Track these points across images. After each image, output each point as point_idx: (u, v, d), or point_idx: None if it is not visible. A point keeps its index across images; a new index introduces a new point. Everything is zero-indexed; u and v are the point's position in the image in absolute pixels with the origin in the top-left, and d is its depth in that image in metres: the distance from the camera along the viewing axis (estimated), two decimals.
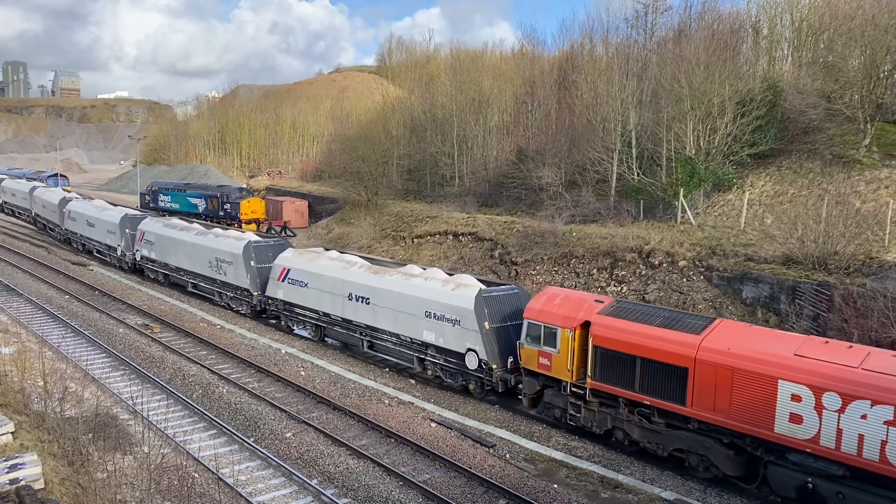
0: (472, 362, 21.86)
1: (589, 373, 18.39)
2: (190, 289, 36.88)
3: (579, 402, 18.94)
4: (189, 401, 21.60)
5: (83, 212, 48.08)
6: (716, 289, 28.67)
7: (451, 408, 22.05)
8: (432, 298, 23.00)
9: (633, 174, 38.60)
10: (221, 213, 60.84)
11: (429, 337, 23.19)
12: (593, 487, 16.99)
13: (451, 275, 24.86)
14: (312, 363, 26.38)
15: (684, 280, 29.85)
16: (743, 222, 32.46)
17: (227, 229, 37.15)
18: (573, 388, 18.97)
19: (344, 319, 26.80)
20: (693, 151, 35.67)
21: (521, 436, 19.93)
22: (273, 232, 56.69)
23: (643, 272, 31.53)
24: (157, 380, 23.36)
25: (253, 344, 28.64)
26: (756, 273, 27.50)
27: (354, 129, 66.33)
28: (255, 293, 31.63)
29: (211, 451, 18.02)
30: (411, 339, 23.99)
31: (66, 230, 50.96)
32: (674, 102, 36.66)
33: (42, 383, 17.82)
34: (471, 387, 22.44)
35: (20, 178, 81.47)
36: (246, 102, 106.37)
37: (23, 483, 10.89)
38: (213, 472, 16.48)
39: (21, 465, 11.37)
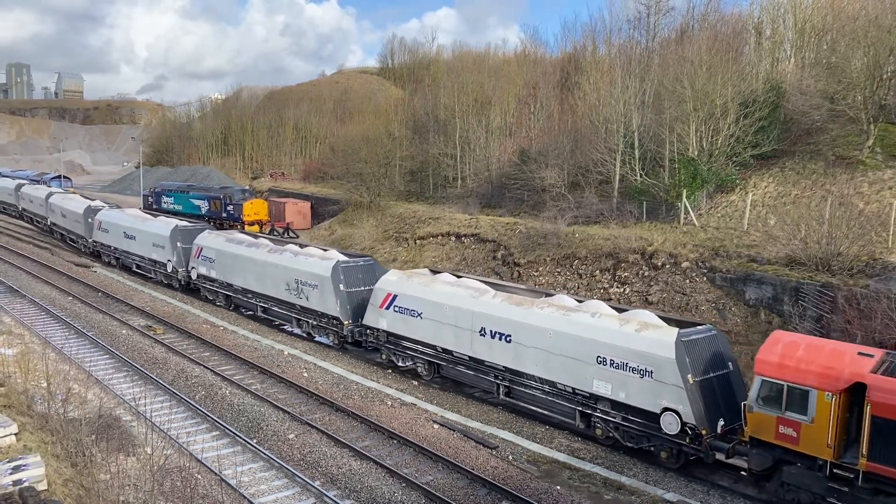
0: (671, 426, 17.24)
1: (863, 451, 14.20)
2: (259, 314, 32.46)
3: (844, 488, 14.71)
4: (192, 402, 21.62)
5: (119, 222, 43.44)
6: (719, 290, 28.63)
7: (454, 409, 22.03)
8: (608, 341, 18.53)
9: (635, 175, 38.57)
10: (224, 215, 60.93)
11: (601, 389, 18.64)
12: (596, 489, 16.97)
13: (618, 310, 20.59)
14: (315, 364, 26.38)
15: (687, 281, 29.82)
16: (746, 223, 32.41)
17: (305, 246, 32.08)
18: (834, 469, 14.76)
19: (472, 358, 22.28)
20: (696, 152, 35.63)
21: (524, 437, 19.91)
22: (276, 233, 56.76)
23: (646, 273, 31.49)
24: (160, 381, 23.38)
25: (256, 345, 28.65)
26: (759, 274, 27.46)
27: (357, 130, 66.31)
28: (346, 321, 27.17)
29: (214, 452, 18.05)
30: (574, 389, 19.38)
31: (96, 242, 46.27)
32: (676, 103, 36.63)
33: (45, 385, 17.82)
34: (663, 455, 18.01)
35: (24, 179, 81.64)
36: (249, 104, 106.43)
37: (26, 484, 10.89)
38: (215, 474, 16.49)
39: (24, 466, 11.38)
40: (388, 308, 25.03)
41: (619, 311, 20.35)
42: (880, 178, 31.20)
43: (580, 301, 21.64)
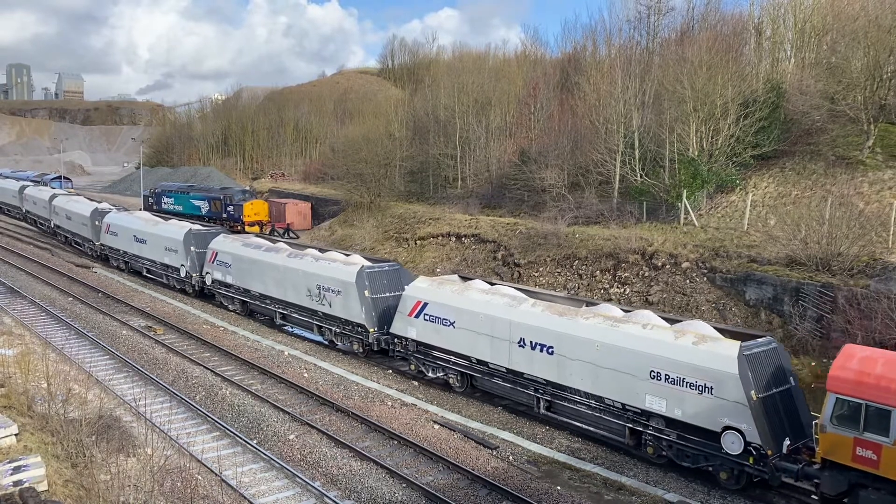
0: (733, 445, 16.11)
1: None
2: (278, 321, 31.56)
3: None
4: (192, 403, 21.62)
5: (129, 225, 42.26)
6: (719, 290, 28.64)
7: (455, 409, 22.02)
8: (662, 354, 17.32)
9: (635, 176, 38.58)
10: (225, 216, 60.99)
11: (655, 405, 17.49)
12: (596, 489, 16.97)
13: (668, 320, 19.38)
14: (315, 365, 26.37)
15: (687, 282, 29.82)
16: (746, 224, 32.41)
17: (325, 251, 30.91)
18: None
19: (510, 371, 21.04)
20: (696, 153, 35.64)
21: (525, 437, 19.90)
22: (276, 234, 56.79)
23: (646, 274, 31.50)
24: (160, 382, 23.38)
25: (256, 346, 28.65)
26: (759, 274, 27.46)
27: (357, 130, 66.34)
28: (372, 329, 25.91)
29: (214, 452, 18.04)
30: (624, 405, 18.19)
31: (104, 246, 45.17)
32: (676, 104, 36.64)
33: (46, 385, 17.83)
34: (722, 476, 16.77)
35: (24, 180, 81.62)
36: (249, 105, 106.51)
37: (26, 485, 10.90)
38: (216, 474, 16.49)
39: (25, 466, 11.39)
40: (417, 316, 23.78)
41: (670, 321, 19.17)
42: (880, 178, 31.20)
43: (626, 310, 20.42)
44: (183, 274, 37.01)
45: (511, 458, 18.59)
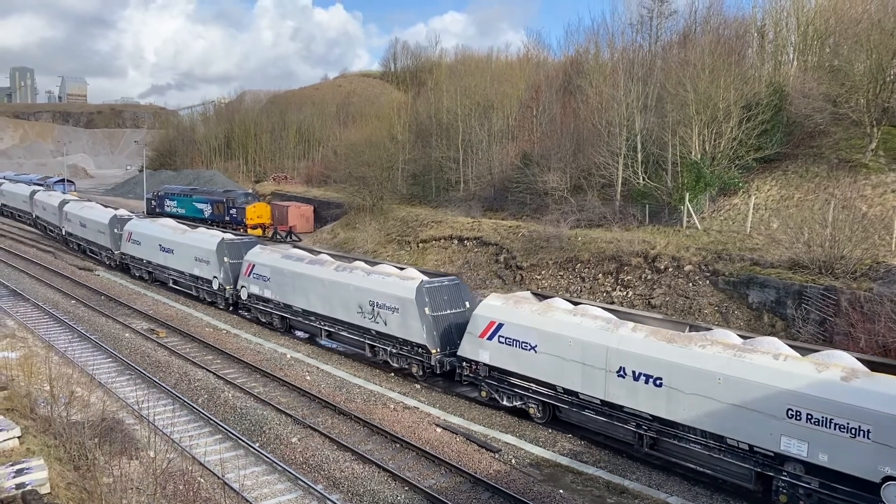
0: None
1: None
2: (323, 339, 29.66)
3: None
4: (195, 405, 21.63)
5: (154, 234, 40.25)
6: (722, 293, 28.59)
7: (457, 412, 22.01)
8: (804, 391, 15.06)
9: (638, 178, 38.56)
10: (227, 219, 61.11)
11: (793, 449, 15.19)
12: (599, 493, 16.94)
13: (800, 349, 17.05)
14: (318, 368, 26.39)
15: (690, 285, 29.78)
16: (749, 226, 32.38)
17: (376, 264, 28.96)
18: None
19: (605, 403, 18.83)
20: (699, 156, 35.61)
21: (527, 441, 19.88)
22: (279, 237, 56.84)
23: (649, 277, 31.47)
24: (162, 384, 23.40)
25: (258, 348, 28.67)
26: (762, 277, 27.42)
27: (359, 134, 66.45)
28: (434, 350, 23.85)
29: (216, 455, 18.03)
30: (751, 446, 15.97)
31: (124, 255, 43.25)
32: (679, 107, 36.61)
33: (48, 388, 17.86)
34: None
35: (27, 183, 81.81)
36: (252, 108, 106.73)
37: (29, 488, 10.90)
38: (218, 477, 16.47)
39: (27, 469, 11.39)
40: (490, 338, 21.63)
41: (800, 349, 17.02)
42: (883, 181, 31.16)
43: (745, 336, 18.17)
44: (216, 286, 34.81)
45: (514, 461, 18.56)
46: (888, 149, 32.82)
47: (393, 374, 25.79)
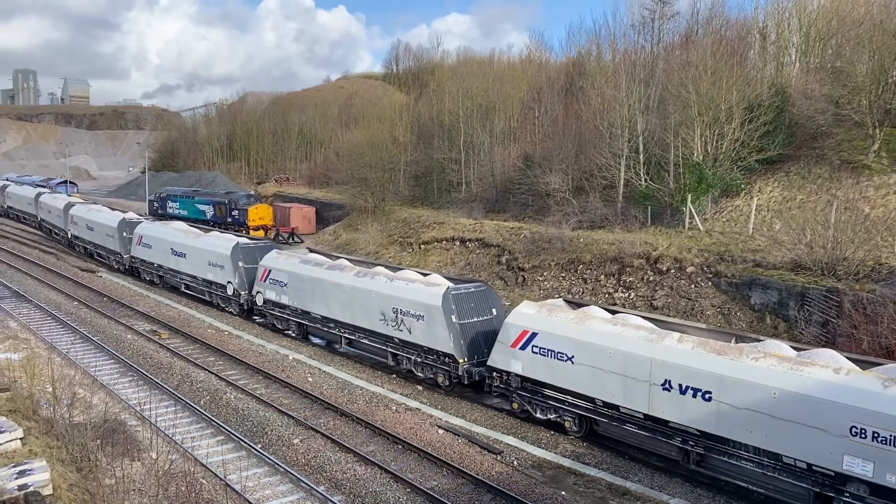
0: None
1: None
2: (342, 346, 28.77)
3: None
4: (197, 407, 21.65)
5: (165, 237, 39.58)
6: (724, 295, 28.57)
7: (459, 414, 22.00)
8: (869, 408, 14.10)
9: (640, 180, 38.55)
10: (229, 220, 61.18)
11: (857, 468, 14.27)
12: (601, 494, 16.93)
13: (857, 361, 16.17)
14: (320, 369, 26.39)
15: (692, 286, 29.76)
16: (751, 228, 32.35)
17: (398, 269, 28.38)
18: None
19: (649, 417, 17.92)
20: (701, 157, 35.60)
21: (529, 442, 19.87)
22: (281, 238, 56.90)
23: (651, 278, 31.45)
24: (164, 386, 23.42)
25: (260, 350, 28.68)
26: (764, 279, 27.39)
27: (361, 135, 66.51)
28: (461, 360, 22.93)
29: (219, 457, 18.03)
30: (809, 465, 15.10)
31: (134, 259, 42.59)
32: (681, 108, 36.60)
33: (51, 389, 17.87)
34: None
35: (30, 184, 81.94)
36: (254, 109, 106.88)
37: (31, 489, 10.91)
38: (220, 479, 16.49)
39: (30, 470, 11.40)
40: (523, 348, 20.72)
41: (857, 361, 16.09)
42: (886, 182, 31.12)
43: (799, 348, 17.29)
44: (230, 292, 33.99)
45: (515, 462, 18.56)
46: (891, 150, 32.77)
47: (395, 376, 25.79)
